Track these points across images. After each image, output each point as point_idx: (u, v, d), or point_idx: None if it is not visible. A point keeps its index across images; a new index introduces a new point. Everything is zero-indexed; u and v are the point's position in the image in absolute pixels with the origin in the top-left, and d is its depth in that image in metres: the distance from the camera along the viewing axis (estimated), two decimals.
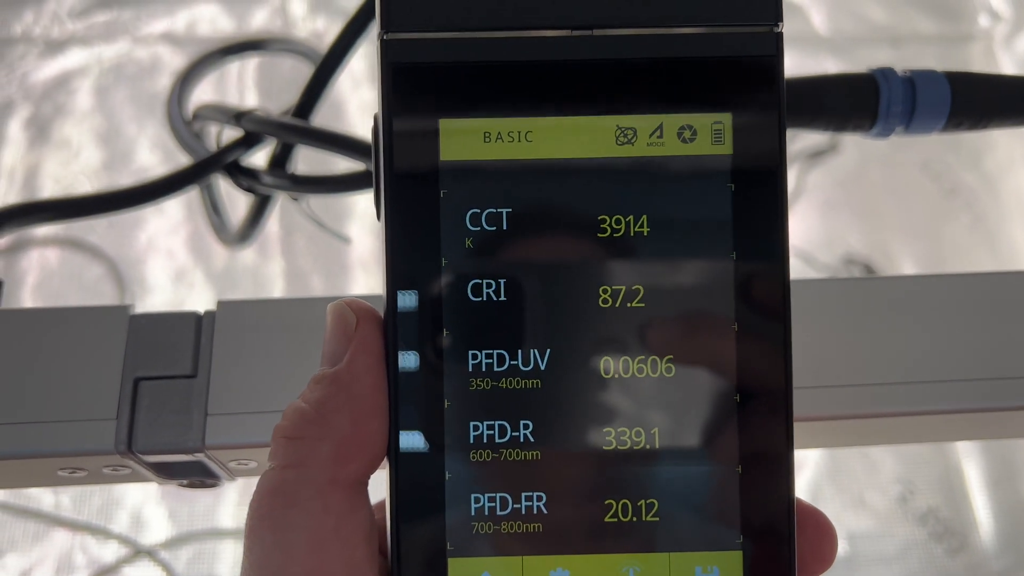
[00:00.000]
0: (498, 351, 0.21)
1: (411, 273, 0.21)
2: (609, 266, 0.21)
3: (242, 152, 0.40)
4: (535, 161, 0.21)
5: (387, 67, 0.20)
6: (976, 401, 0.29)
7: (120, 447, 0.27)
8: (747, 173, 0.21)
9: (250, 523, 0.20)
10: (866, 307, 0.31)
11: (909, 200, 0.95)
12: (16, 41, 0.98)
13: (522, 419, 0.21)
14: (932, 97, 0.32)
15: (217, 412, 0.28)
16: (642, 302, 0.21)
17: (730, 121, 0.21)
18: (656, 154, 0.21)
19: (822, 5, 1.04)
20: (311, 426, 0.20)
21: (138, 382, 0.28)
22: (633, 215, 0.21)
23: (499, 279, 0.21)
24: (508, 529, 0.21)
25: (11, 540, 0.78)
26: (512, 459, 0.21)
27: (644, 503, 0.21)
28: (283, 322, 0.29)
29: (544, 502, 0.21)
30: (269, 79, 0.95)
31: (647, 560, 0.21)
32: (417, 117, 0.21)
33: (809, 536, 0.21)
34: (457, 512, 0.21)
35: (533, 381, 0.21)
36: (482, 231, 0.21)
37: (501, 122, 0.21)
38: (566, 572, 0.21)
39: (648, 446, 0.21)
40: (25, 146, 0.93)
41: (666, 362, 0.21)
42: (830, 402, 0.29)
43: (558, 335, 0.21)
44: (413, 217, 0.21)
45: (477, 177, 0.21)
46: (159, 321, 0.29)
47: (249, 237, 0.44)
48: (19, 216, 0.35)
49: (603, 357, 0.21)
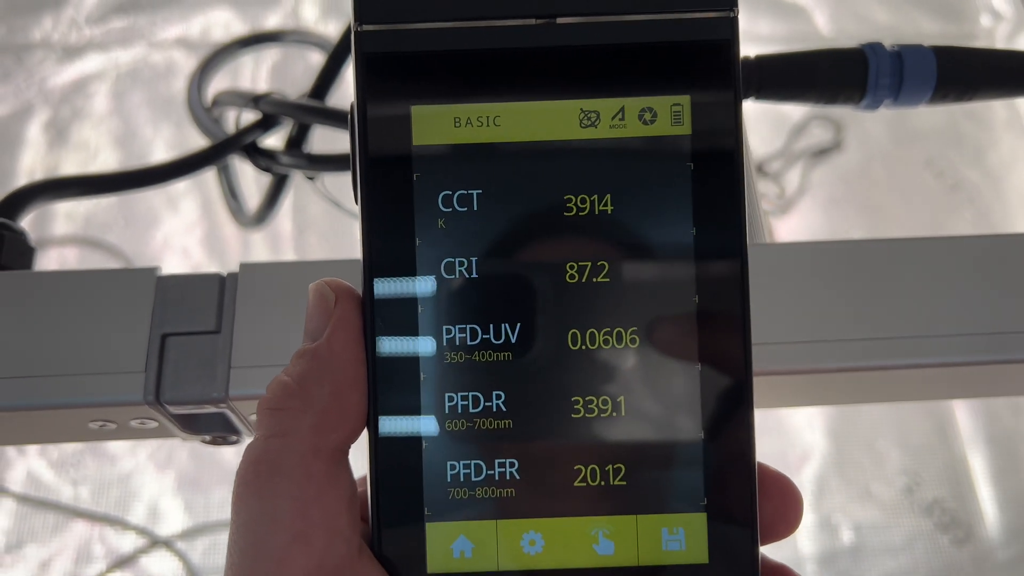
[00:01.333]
0: (471, 326, 0.22)
1: (387, 252, 0.22)
2: (575, 243, 0.22)
3: (260, 134, 0.41)
4: (503, 144, 0.22)
5: (361, 57, 0.22)
6: (966, 355, 0.30)
7: (148, 398, 0.29)
8: (705, 152, 0.22)
9: (237, 490, 0.21)
10: (858, 267, 0.32)
11: (912, 196, 0.96)
12: (35, 47, 1.00)
13: (494, 390, 0.22)
14: (919, 70, 0.34)
15: (240, 365, 0.29)
16: (607, 277, 0.22)
17: (688, 103, 0.22)
18: (618, 136, 0.22)
19: (825, 6, 1.05)
20: (293, 398, 0.21)
21: (165, 338, 0.29)
22: (598, 194, 0.22)
23: (470, 257, 0.22)
24: (482, 494, 0.22)
25: (31, 531, 0.79)
26: (485, 428, 0.22)
27: (612, 468, 0.22)
28: (299, 283, 0.30)
29: (516, 468, 0.22)
30: (282, 77, 0.97)
31: (615, 522, 0.22)
32: (390, 104, 0.22)
33: (774, 499, 0.22)
34: (434, 479, 0.22)
35: (504, 354, 0.22)
36: (454, 212, 0.22)
37: (470, 107, 0.22)
38: (538, 535, 0.22)
39: (614, 414, 0.22)
40: (44, 148, 0.95)
41: (630, 334, 0.22)
42: (825, 356, 0.30)
43: (528, 310, 0.22)
44: (388, 199, 0.22)
45: (448, 160, 0.22)
46: (184, 281, 0.30)
47: (265, 218, 0.45)
48: (45, 192, 0.37)
49: (571, 330, 0.22)
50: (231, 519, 0.21)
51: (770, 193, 0.96)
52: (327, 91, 0.41)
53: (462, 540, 0.22)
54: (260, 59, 0.99)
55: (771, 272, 0.31)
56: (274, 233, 0.91)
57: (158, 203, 0.92)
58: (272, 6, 1.03)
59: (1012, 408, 0.87)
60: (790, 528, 0.22)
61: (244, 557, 0.20)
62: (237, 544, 0.20)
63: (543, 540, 0.22)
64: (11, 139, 0.95)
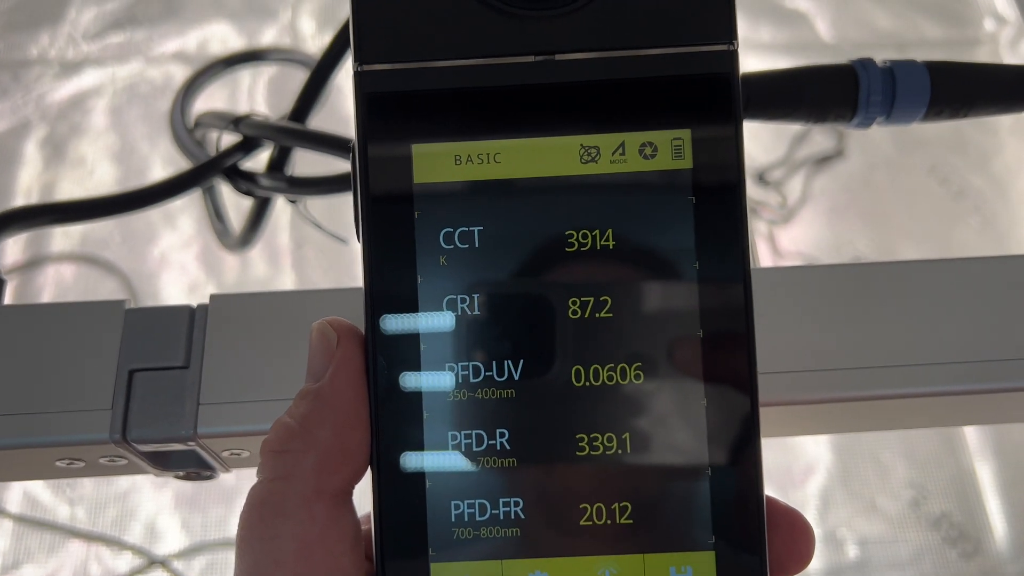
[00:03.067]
0: (473, 363, 0.22)
1: (389, 290, 0.22)
2: (577, 278, 0.22)
3: (241, 156, 0.41)
4: (504, 181, 0.22)
5: (362, 97, 0.22)
6: (972, 383, 0.30)
7: (115, 436, 0.28)
8: (707, 186, 0.21)
9: (240, 533, 0.21)
10: (862, 292, 0.31)
11: (917, 203, 0.95)
12: (32, 63, 1.00)
13: (498, 428, 0.22)
14: (912, 86, 0.33)
15: (209, 401, 0.28)
16: (610, 312, 0.22)
17: (689, 137, 0.21)
18: (619, 171, 0.22)
19: (827, 13, 1.04)
20: (296, 439, 0.21)
21: (132, 373, 0.29)
22: (599, 229, 0.22)
23: (472, 294, 0.22)
24: (487, 534, 0.22)
25: (27, 551, 0.79)
26: (489, 466, 0.22)
27: (618, 506, 0.21)
28: (272, 314, 0.30)
29: (521, 507, 0.22)
30: (280, 92, 0.96)
31: (622, 561, 0.21)
32: (391, 143, 0.22)
33: (784, 535, 0.22)
34: (438, 518, 0.21)
35: (507, 391, 0.22)
36: (455, 249, 0.22)
37: (471, 145, 0.22)
38: (544, 574, 0.21)
39: (619, 451, 0.21)
40: (41, 165, 0.95)
41: (634, 370, 0.21)
42: (828, 385, 0.29)
43: (530, 346, 0.22)
44: (390, 237, 0.22)
45: (449, 198, 0.22)
46: (153, 315, 0.30)
47: (250, 241, 0.45)
48: (26, 218, 0.36)
49: (574, 366, 0.22)
50: (236, 561, 0.21)
51: (772, 202, 0.95)
52: (308, 112, 0.40)
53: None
54: (258, 72, 0.98)
55: (771, 299, 0.31)
56: (272, 248, 0.91)
57: (155, 219, 0.92)
58: (269, 20, 1.02)
59: None
60: (802, 563, 0.22)
61: None
62: None
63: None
64: (8, 156, 0.95)
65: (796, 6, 1.05)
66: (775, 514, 0.22)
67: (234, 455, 0.30)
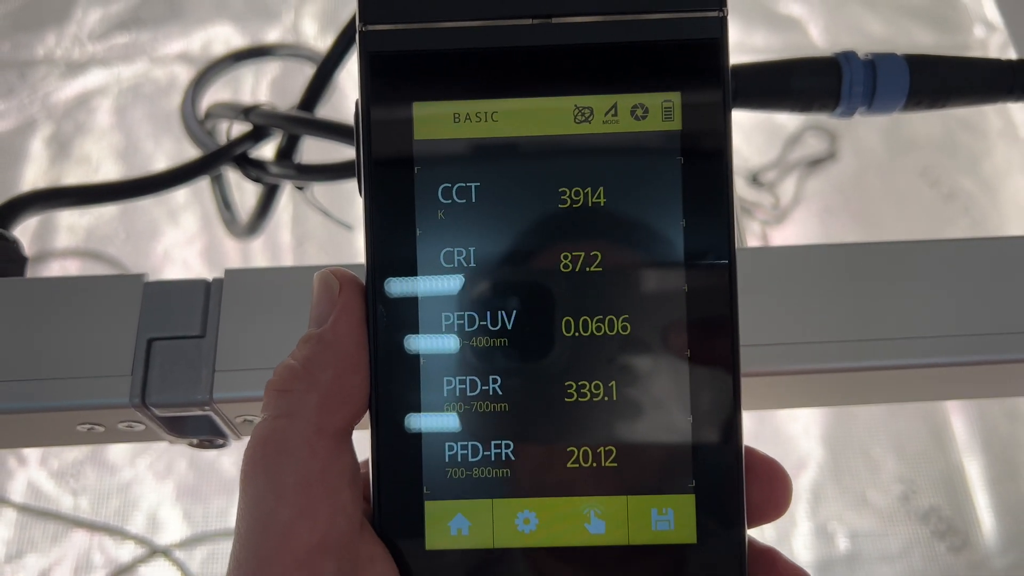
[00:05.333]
0: (469, 312, 0.23)
1: (389, 242, 0.23)
2: (569, 234, 0.23)
3: (250, 145, 0.42)
4: (501, 139, 0.23)
5: (365, 55, 0.23)
6: (956, 356, 0.31)
7: (134, 401, 0.29)
8: (695, 147, 0.23)
9: (245, 467, 0.21)
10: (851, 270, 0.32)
11: (908, 206, 0.96)
12: (39, 63, 1.01)
13: (491, 374, 0.23)
14: (892, 78, 0.34)
15: (224, 369, 0.30)
16: (599, 267, 0.23)
17: (679, 99, 0.23)
18: (611, 131, 0.23)
19: (820, 18, 1.06)
20: (299, 380, 0.22)
21: (151, 342, 0.30)
22: (591, 187, 0.23)
23: (469, 247, 0.23)
24: (479, 474, 0.23)
25: (31, 541, 0.80)
26: (482, 410, 0.23)
27: (603, 450, 0.23)
28: (283, 288, 0.31)
29: (512, 449, 0.23)
30: (282, 89, 0.98)
31: (607, 503, 0.23)
32: (393, 101, 0.23)
33: (762, 482, 0.23)
34: (432, 459, 0.23)
35: (501, 340, 0.23)
36: (453, 204, 0.23)
37: (469, 104, 0.23)
38: (532, 513, 0.23)
39: (606, 398, 0.23)
40: (47, 163, 0.96)
41: (622, 321, 0.23)
42: (819, 356, 0.31)
43: (523, 297, 0.23)
44: (391, 191, 0.23)
45: (448, 154, 0.23)
46: (171, 287, 0.31)
47: (258, 228, 0.46)
48: (37, 202, 0.37)
49: (564, 317, 0.23)
50: (239, 495, 0.21)
51: (765, 203, 0.96)
52: (316, 103, 0.42)
53: (459, 518, 0.23)
54: (261, 72, 1.00)
55: (767, 275, 0.32)
56: (273, 244, 0.92)
57: (158, 215, 0.93)
58: (272, 21, 1.04)
59: (1008, 415, 0.87)
60: (779, 510, 0.23)
61: (251, 531, 0.21)
62: (244, 519, 0.21)
63: (537, 519, 0.23)
64: (15, 153, 0.96)
65: (790, 12, 1.06)
66: (754, 462, 0.23)
67: (247, 421, 0.31)
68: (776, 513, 0.23)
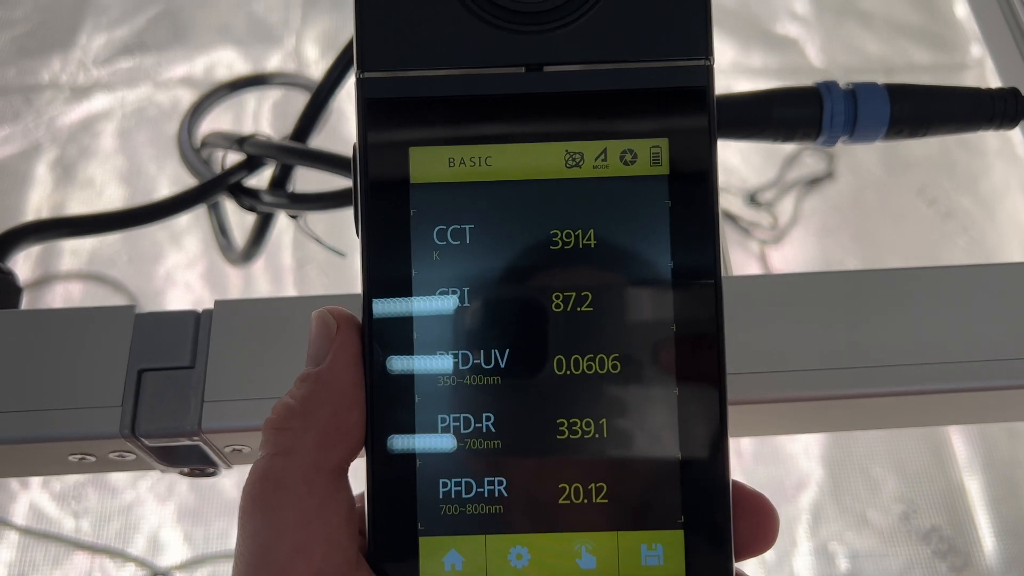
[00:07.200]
0: (463, 351, 0.23)
1: (385, 282, 0.23)
2: (560, 274, 0.23)
3: (244, 174, 0.43)
4: (494, 183, 0.23)
5: (363, 102, 0.23)
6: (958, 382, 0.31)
7: (124, 431, 0.30)
8: (682, 191, 0.23)
9: (243, 504, 0.22)
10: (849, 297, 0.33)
11: (906, 224, 0.96)
12: (44, 88, 1.03)
13: (484, 412, 0.23)
14: (872, 107, 0.35)
15: (212, 399, 0.30)
16: (590, 306, 0.23)
17: (667, 145, 0.23)
18: (601, 175, 0.23)
19: (816, 38, 1.07)
20: (297, 418, 0.22)
21: (141, 373, 0.31)
22: (582, 229, 0.23)
23: (463, 287, 0.23)
24: (473, 511, 0.23)
25: (33, 563, 0.80)
26: (476, 448, 0.23)
27: (594, 487, 0.23)
28: (272, 319, 0.32)
29: (505, 486, 0.23)
30: (283, 114, 0.99)
31: (597, 538, 0.23)
32: (390, 145, 0.23)
33: (750, 516, 0.23)
34: (427, 495, 0.23)
35: (494, 378, 0.23)
36: (448, 245, 0.23)
37: (464, 149, 0.23)
38: (525, 549, 0.23)
39: (597, 436, 0.23)
40: (51, 186, 0.98)
41: (612, 360, 0.23)
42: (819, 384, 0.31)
43: (516, 336, 0.23)
44: (387, 232, 0.23)
45: (443, 197, 0.23)
46: (161, 319, 0.32)
47: (253, 256, 0.47)
48: (32, 233, 0.38)
49: (556, 356, 0.23)
50: (238, 531, 0.22)
51: (763, 222, 0.97)
52: (310, 132, 0.42)
53: (453, 554, 0.23)
54: (263, 96, 1.01)
55: (765, 302, 0.32)
56: (274, 267, 0.93)
57: (161, 239, 0.94)
58: (274, 46, 1.05)
59: (1009, 434, 0.87)
60: (767, 544, 0.23)
61: (249, 566, 0.21)
62: (243, 555, 0.21)
63: (529, 555, 0.23)
64: (20, 177, 0.97)
65: (787, 32, 1.07)
66: (742, 497, 0.23)
67: (236, 451, 0.32)
68: (763, 547, 0.23)
